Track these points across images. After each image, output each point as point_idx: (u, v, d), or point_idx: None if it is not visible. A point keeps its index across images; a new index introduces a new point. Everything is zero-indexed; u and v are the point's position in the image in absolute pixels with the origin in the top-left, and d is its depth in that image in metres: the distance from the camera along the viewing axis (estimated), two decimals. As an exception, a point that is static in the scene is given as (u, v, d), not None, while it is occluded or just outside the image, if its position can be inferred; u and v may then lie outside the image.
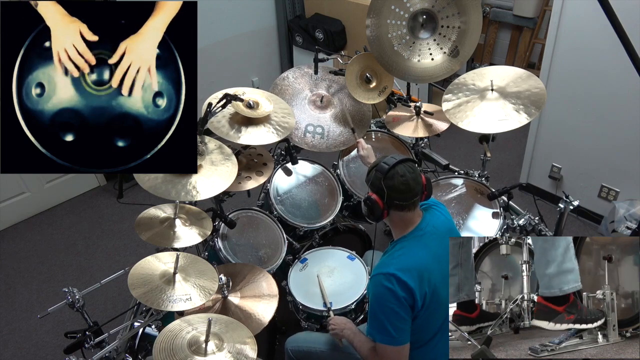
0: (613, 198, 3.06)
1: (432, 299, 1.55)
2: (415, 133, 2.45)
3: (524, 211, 2.32)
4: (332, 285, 2.15)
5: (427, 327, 1.62)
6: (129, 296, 1.70)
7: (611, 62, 2.70)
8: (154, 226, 1.83)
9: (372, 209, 1.59)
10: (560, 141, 3.18)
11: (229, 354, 1.42)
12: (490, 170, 2.58)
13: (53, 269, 3.20)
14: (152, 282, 1.59)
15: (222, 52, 4.19)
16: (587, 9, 2.69)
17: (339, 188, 2.47)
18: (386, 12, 2.28)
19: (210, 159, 1.92)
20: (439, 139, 2.84)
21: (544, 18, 4.21)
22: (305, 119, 2.51)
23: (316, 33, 4.21)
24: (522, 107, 2.12)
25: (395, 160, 1.57)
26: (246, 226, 2.31)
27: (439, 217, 1.71)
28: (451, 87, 2.32)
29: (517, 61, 4.56)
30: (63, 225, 3.57)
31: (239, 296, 1.90)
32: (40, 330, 2.80)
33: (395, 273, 1.50)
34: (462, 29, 2.28)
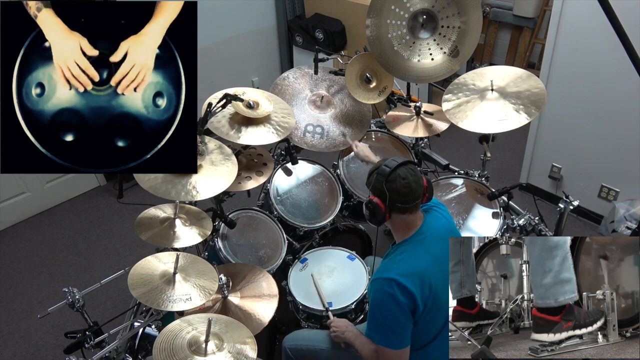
0: (613, 198, 3.06)
1: (433, 303, 1.55)
2: (415, 133, 2.45)
3: (524, 211, 2.32)
4: (332, 285, 2.14)
5: (428, 330, 1.62)
6: (129, 296, 1.70)
7: (611, 62, 2.69)
8: (154, 226, 1.83)
9: (374, 213, 1.58)
10: (560, 141, 3.18)
11: (229, 354, 1.42)
12: (490, 170, 2.58)
13: (53, 269, 3.20)
14: (152, 282, 1.59)
15: (222, 52, 4.19)
16: (587, 9, 2.69)
17: (339, 188, 2.47)
18: (386, 12, 2.28)
19: (210, 159, 1.92)
20: (439, 139, 2.84)
21: (544, 18, 4.21)
22: (305, 119, 2.51)
23: (316, 33, 4.21)
24: (522, 107, 2.12)
25: (397, 163, 1.56)
26: (246, 226, 2.31)
27: (440, 219, 1.70)
28: (451, 87, 2.32)
29: (517, 61, 4.56)
30: (63, 225, 3.57)
31: (239, 296, 1.89)
32: (40, 330, 2.80)
33: (396, 278, 1.50)
34: (462, 29, 2.28)
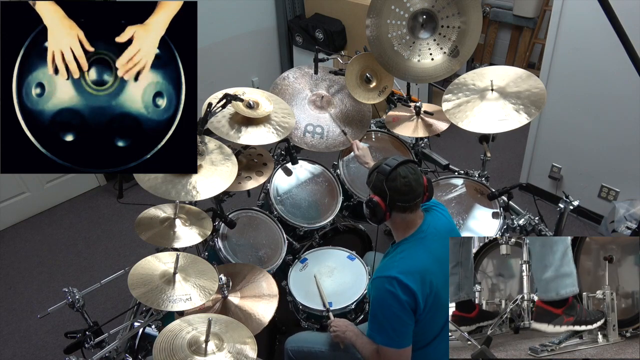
0: (613, 198, 3.06)
1: (434, 301, 1.55)
2: (415, 133, 2.45)
3: (524, 211, 2.32)
4: (332, 285, 2.14)
5: (429, 329, 1.62)
6: (129, 296, 1.70)
7: (611, 62, 2.69)
8: (154, 226, 1.83)
9: (374, 211, 1.59)
10: (560, 141, 3.18)
11: (229, 354, 1.42)
12: (490, 170, 2.58)
13: (53, 269, 3.20)
14: (152, 282, 1.59)
15: (222, 52, 4.19)
16: (587, 9, 2.69)
17: (339, 188, 2.47)
18: (386, 12, 2.28)
19: (210, 159, 1.92)
20: (439, 139, 2.84)
21: (544, 18, 4.21)
22: (305, 119, 2.51)
23: (316, 33, 4.21)
24: (522, 107, 2.12)
25: (397, 162, 1.56)
26: (246, 226, 2.31)
27: (440, 218, 1.70)
28: (451, 87, 2.32)
29: (517, 61, 4.56)
30: (63, 225, 3.57)
31: (239, 296, 1.90)
32: (40, 330, 2.80)
33: (397, 276, 1.50)
34: (462, 29, 2.28)
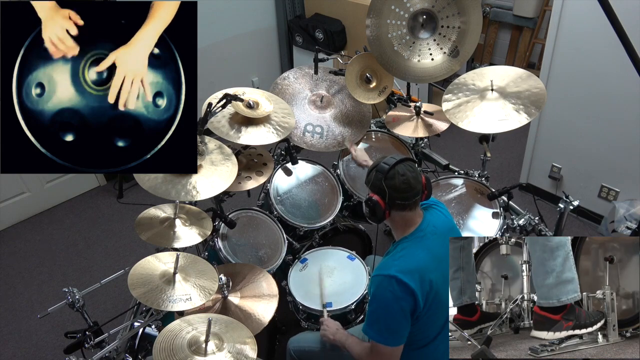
0: (613, 198, 3.06)
1: (433, 300, 1.55)
2: (415, 133, 2.45)
3: (524, 211, 2.32)
4: (332, 285, 2.14)
5: (429, 328, 1.62)
6: (129, 296, 1.70)
7: (611, 62, 2.69)
8: (154, 226, 1.83)
9: (373, 210, 1.59)
10: (560, 141, 3.18)
11: (229, 354, 1.42)
12: (490, 170, 2.58)
13: (53, 269, 3.20)
14: (152, 282, 1.59)
15: (222, 52, 4.19)
16: (587, 9, 2.69)
17: (339, 188, 2.47)
18: (386, 12, 2.28)
19: (210, 159, 1.92)
20: (439, 139, 2.85)
21: (544, 18, 4.21)
22: (305, 119, 2.51)
23: (316, 33, 4.21)
24: (522, 107, 2.12)
25: (395, 160, 1.57)
26: (246, 226, 2.31)
27: (440, 216, 1.70)
28: (451, 87, 2.32)
29: (517, 61, 4.56)
30: (63, 225, 3.56)
31: (239, 296, 1.90)
32: (40, 330, 2.80)
33: (396, 275, 1.50)
34: (462, 29, 2.28)
